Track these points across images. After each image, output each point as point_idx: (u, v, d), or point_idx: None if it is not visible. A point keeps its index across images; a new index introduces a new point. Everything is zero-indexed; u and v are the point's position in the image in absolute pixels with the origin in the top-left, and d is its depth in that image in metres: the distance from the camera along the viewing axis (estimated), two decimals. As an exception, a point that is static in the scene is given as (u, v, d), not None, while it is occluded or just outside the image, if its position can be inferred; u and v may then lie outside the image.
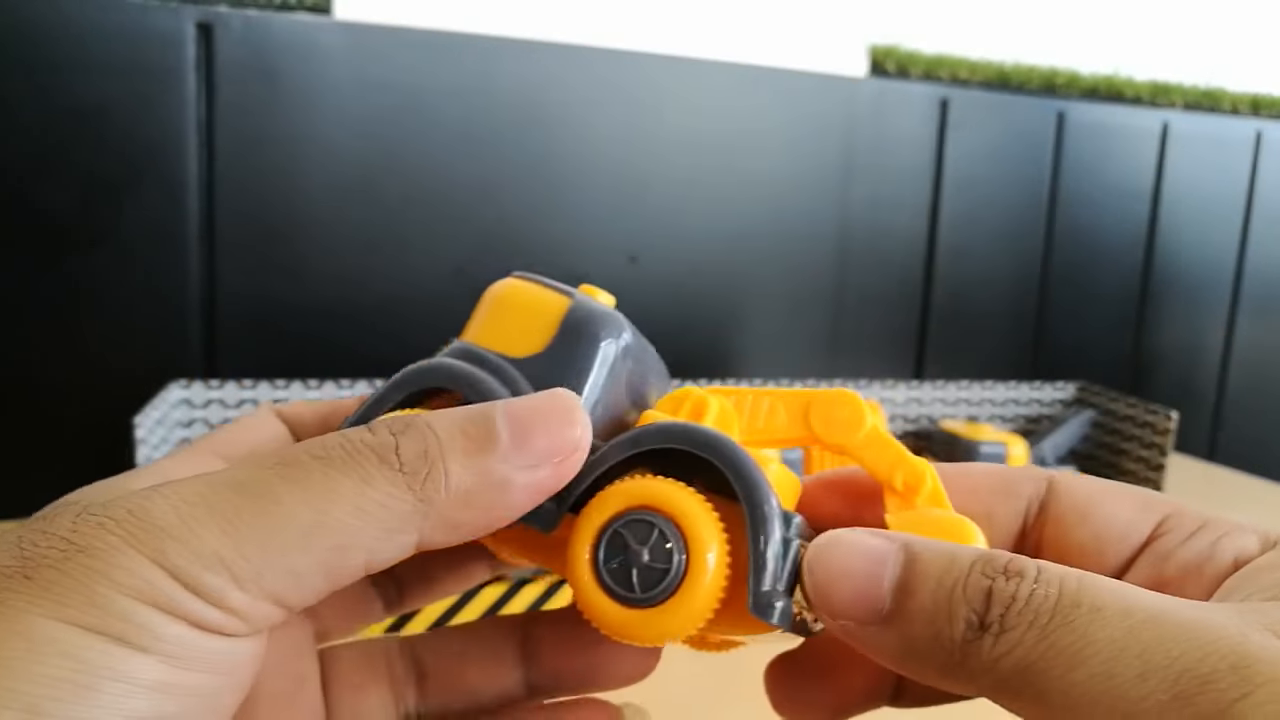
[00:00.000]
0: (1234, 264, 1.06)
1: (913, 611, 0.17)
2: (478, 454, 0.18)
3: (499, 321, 0.22)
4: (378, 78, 0.73)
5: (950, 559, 0.17)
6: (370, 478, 0.17)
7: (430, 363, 0.22)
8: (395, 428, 0.18)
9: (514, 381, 0.21)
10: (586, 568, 0.19)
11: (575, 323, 0.22)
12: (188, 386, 0.63)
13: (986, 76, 0.93)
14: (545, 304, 0.22)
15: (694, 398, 0.22)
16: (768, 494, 0.19)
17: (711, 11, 0.84)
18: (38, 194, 0.66)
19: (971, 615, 0.16)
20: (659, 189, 0.82)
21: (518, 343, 0.22)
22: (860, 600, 0.17)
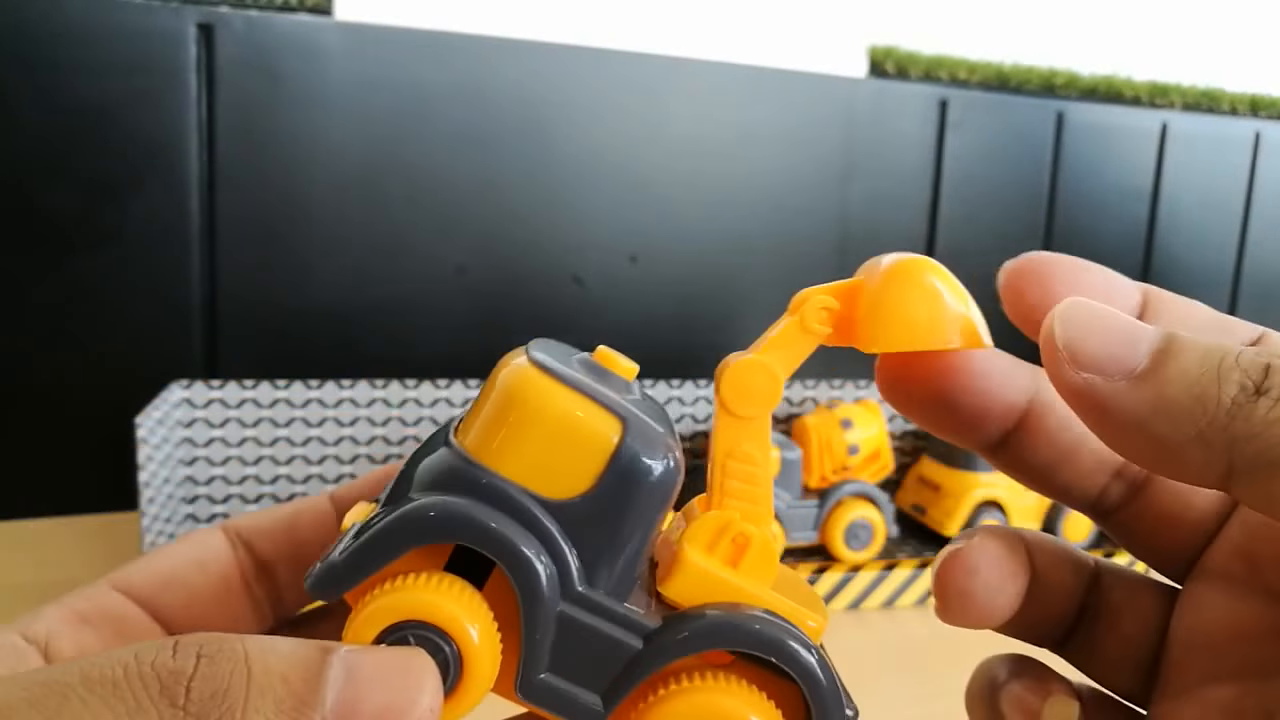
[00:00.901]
0: (1233, 264, 1.07)
1: (1173, 373, 0.15)
2: (291, 709, 0.15)
3: (529, 445, 0.18)
4: (378, 78, 0.73)
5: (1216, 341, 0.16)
6: (140, 714, 0.14)
7: (445, 508, 0.18)
8: (205, 650, 0.15)
9: (553, 539, 0.18)
10: None
11: (630, 460, 0.18)
12: (189, 386, 0.64)
13: (985, 77, 0.93)
14: (593, 432, 0.18)
15: (735, 530, 0.19)
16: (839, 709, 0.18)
17: (711, 12, 0.84)
18: (39, 194, 0.67)
19: (1246, 381, 0.15)
20: (659, 189, 0.83)
21: (555, 479, 0.18)
22: (1113, 352, 0.16)
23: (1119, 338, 0.16)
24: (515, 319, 0.79)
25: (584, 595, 0.18)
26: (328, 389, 0.66)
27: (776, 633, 0.18)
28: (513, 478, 0.18)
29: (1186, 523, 0.19)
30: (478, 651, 0.17)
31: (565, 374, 0.18)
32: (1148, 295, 0.20)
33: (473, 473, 0.18)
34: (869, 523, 0.68)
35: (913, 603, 0.63)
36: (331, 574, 0.18)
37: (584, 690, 0.18)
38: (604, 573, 0.18)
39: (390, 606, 0.17)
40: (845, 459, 0.70)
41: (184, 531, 0.65)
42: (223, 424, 0.65)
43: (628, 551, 0.18)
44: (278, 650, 0.15)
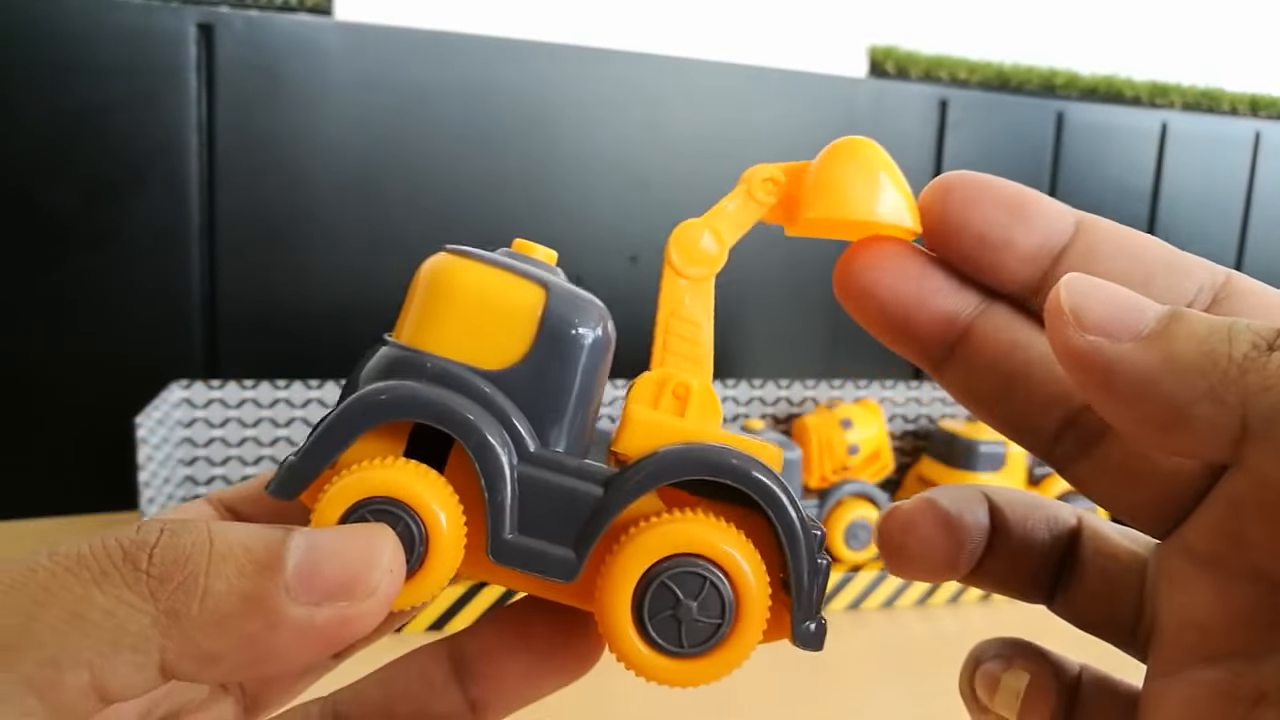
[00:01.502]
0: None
1: (1182, 333, 0.15)
2: (253, 574, 0.15)
3: (460, 324, 0.19)
4: (378, 78, 0.73)
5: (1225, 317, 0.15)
6: (103, 578, 0.15)
7: (392, 390, 0.18)
8: (168, 526, 0.15)
9: (498, 407, 0.18)
10: (627, 621, 0.18)
11: (558, 323, 0.19)
12: (189, 386, 0.64)
13: (985, 77, 0.94)
14: (517, 299, 0.19)
15: (674, 382, 0.20)
16: (806, 532, 0.18)
17: (712, 12, 0.84)
18: (39, 194, 0.67)
19: (1259, 339, 0.15)
20: (659, 189, 0.83)
21: (489, 352, 0.19)
22: (1121, 314, 0.16)
23: (1126, 304, 0.16)
24: (515, 319, 0.79)
25: (538, 454, 0.18)
26: (328, 389, 0.66)
27: (733, 459, 0.18)
28: (450, 356, 0.19)
29: (1150, 480, 0.18)
30: (440, 522, 0.18)
31: (483, 254, 0.19)
32: (1082, 223, 0.19)
33: (411, 357, 0.19)
34: (869, 523, 0.68)
35: (913, 603, 0.63)
36: (289, 472, 0.18)
37: (554, 545, 0.18)
38: (554, 432, 0.19)
39: (351, 486, 0.17)
40: (845, 459, 0.70)
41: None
42: (223, 424, 0.65)
43: (573, 410, 0.19)
44: (241, 527, 0.16)
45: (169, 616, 0.15)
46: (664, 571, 0.18)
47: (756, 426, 0.69)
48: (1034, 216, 0.19)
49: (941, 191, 0.20)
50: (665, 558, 0.18)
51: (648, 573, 0.18)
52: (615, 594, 0.18)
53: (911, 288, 0.20)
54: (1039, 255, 0.19)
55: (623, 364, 0.21)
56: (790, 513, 0.18)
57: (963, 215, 0.19)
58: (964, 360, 0.20)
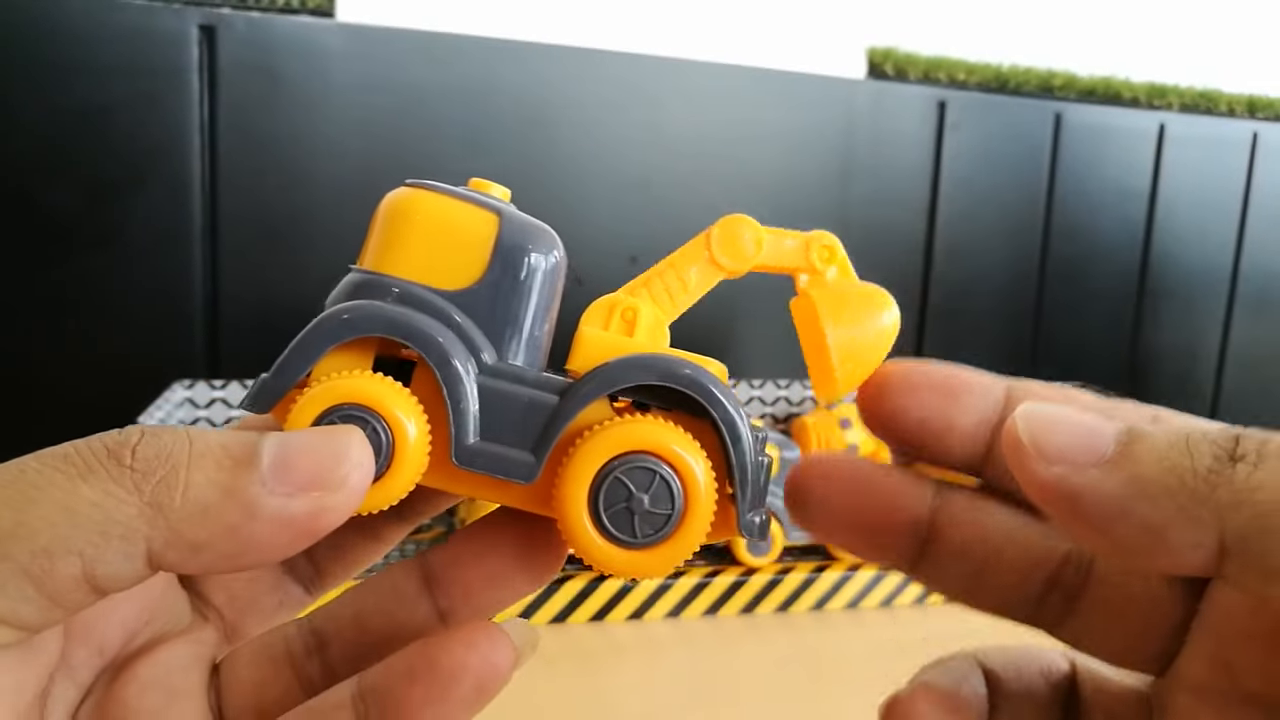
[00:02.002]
0: (1230, 264, 1.07)
1: (1143, 453, 0.15)
2: (230, 468, 0.16)
3: (420, 248, 0.20)
4: (380, 79, 0.73)
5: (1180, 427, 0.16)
6: (89, 473, 0.16)
7: (355, 308, 0.19)
8: (148, 429, 0.17)
9: (457, 324, 0.20)
10: (584, 516, 0.19)
11: (512, 246, 0.20)
12: (191, 386, 0.64)
13: (984, 78, 0.94)
14: (473, 225, 0.20)
15: (623, 306, 0.21)
16: (745, 430, 0.20)
17: (711, 13, 0.84)
18: (41, 194, 0.67)
19: (1219, 450, 0.15)
20: (659, 189, 0.83)
21: (448, 273, 0.20)
22: (1080, 442, 0.16)
23: (1083, 430, 0.16)
24: (515, 319, 0.79)
25: (497, 366, 0.20)
26: (329, 389, 0.66)
27: (677, 365, 0.20)
28: (411, 278, 0.20)
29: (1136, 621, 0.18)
30: (405, 426, 0.19)
31: (440, 185, 0.21)
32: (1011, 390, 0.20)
33: (375, 279, 0.20)
34: (868, 522, 0.68)
35: (910, 602, 0.63)
36: (262, 388, 0.19)
37: (514, 449, 0.19)
38: (511, 347, 0.20)
39: (321, 394, 0.19)
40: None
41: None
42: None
43: (529, 328, 0.20)
44: (217, 432, 0.17)
45: (153, 508, 0.16)
46: (616, 468, 0.19)
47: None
48: (965, 396, 0.20)
49: (877, 384, 0.21)
50: (617, 455, 0.19)
51: (601, 470, 0.19)
52: (572, 491, 0.19)
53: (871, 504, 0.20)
54: (978, 430, 0.20)
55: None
56: (731, 410, 0.19)
57: (902, 403, 0.20)
58: (935, 559, 0.20)
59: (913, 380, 0.20)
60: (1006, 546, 0.19)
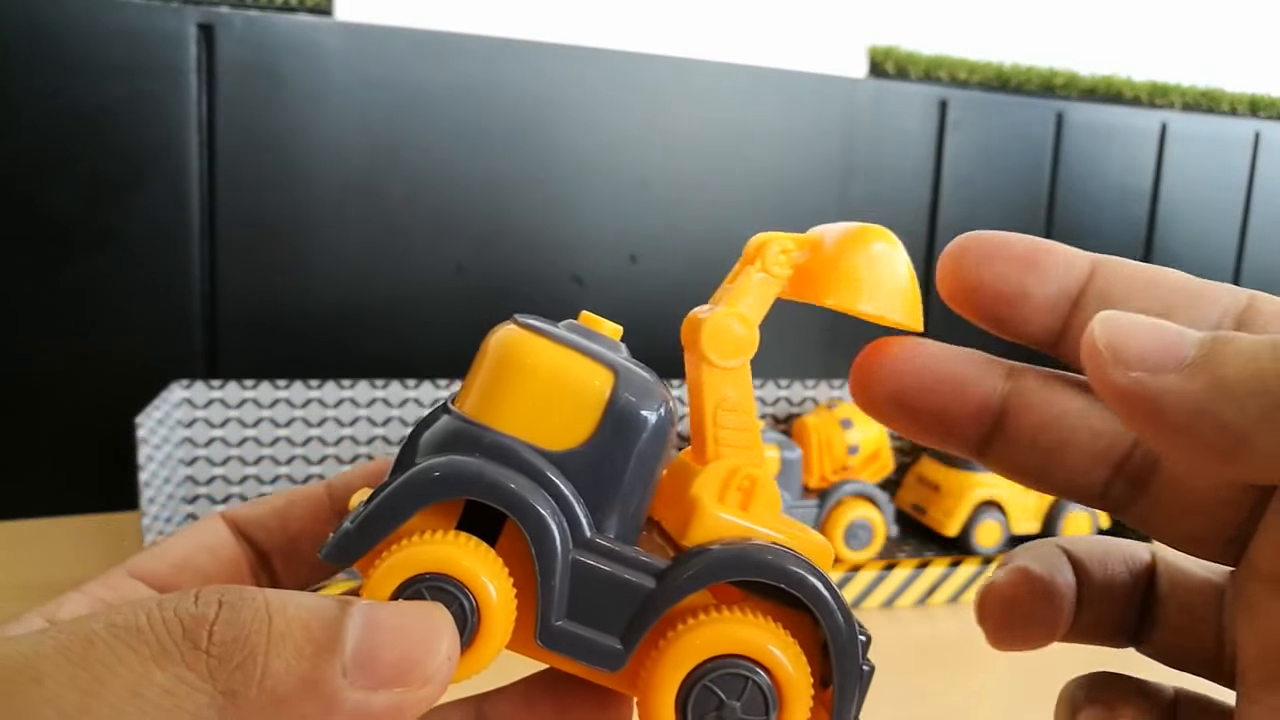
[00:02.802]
0: (1232, 264, 1.07)
1: (1227, 355, 0.15)
2: (311, 655, 0.15)
3: (527, 401, 0.18)
4: (378, 78, 0.73)
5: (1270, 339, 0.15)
6: (163, 656, 0.14)
7: (454, 466, 0.18)
8: (226, 598, 0.15)
9: (558, 490, 0.18)
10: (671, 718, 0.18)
11: (624, 409, 0.19)
12: (189, 386, 0.64)
13: (985, 77, 0.94)
14: (586, 382, 0.19)
15: (741, 476, 0.20)
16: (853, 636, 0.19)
17: (712, 12, 0.84)
18: (40, 194, 0.67)
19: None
20: (659, 189, 0.83)
21: (554, 431, 0.18)
22: (1161, 346, 0.15)
23: (1164, 334, 0.15)
24: (515, 319, 0.79)
25: (594, 541, 0.18)
26: (328, 389, 0.66)
27: (781, 559, 0.18)
28: (513, 433, 0.18)
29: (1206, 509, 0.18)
30: (493, 601, 0.17)
31: (554, 332, 0.19)
32: (1097, 265, 0.19)
33: (474, 432, 0.18)
34: (869, 522, 0.68)
35: (912, 603, 0.63)
36: (345, 540, 0.18)
37: (602, 634, 0.18)
38: (611, 519, 0.19)
39: (405, 561, 0.17)
40: (845, 459, 0.70)
41: (184, 531, 0.65)
42: (223, 424, 0.65)
43: (631, 497, 0.19)
44: (298, 601, 0.16)
45: (226, 697, 0.15)
46: (709, 673, 0.18)
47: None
48: (1046, 266, 0.19)
49: (957, 253, 0.20)
50: (710, 659, 0.18)
51: (693, 672, 0.18)
52: (660, 692, 0.18)
53: (941, 387, 0.20)
54: (1057, 303, 0.19)
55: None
56: (838, 617, 0.18)
57: (977, 274, 0.19)
58: (1005, 442, 0.19)
59: (990, 249, 0.19)
60: (1077, 432, 0.19)
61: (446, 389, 0.68)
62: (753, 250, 0.21)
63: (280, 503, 0.22)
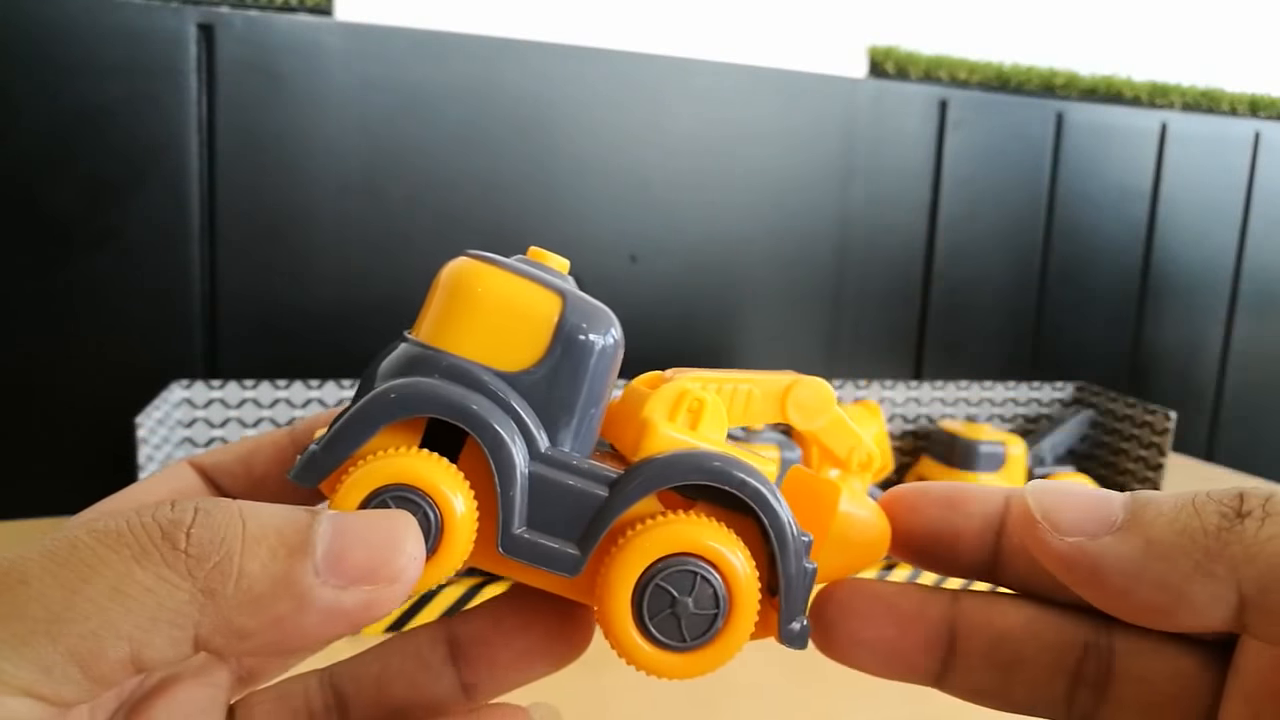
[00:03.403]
0: (1232, 264, 1.07)
1: (1152, 518, 0.16)
2: (285, 556, 0.16)
3: (479, 324, 0.20)
4: (379, 78, 0.73)
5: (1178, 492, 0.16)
6: (143, 556, 0.15)
7: (414, 386, 0.19)
8: (202, 505, 0.16)
9: (512, 408, 0.19)
10: (628, 620, 0.19)
11: (574, 330, 0.20)
12: (189, 386, 0.64)
13: (985, 77, 0.94)
14: (535, 306, 0.20)
15: (690, 398, 0.21)
16: (795, 537, 0.19)
17: (712, 12, 0.84)
18: (40, 194, 0.67)
19: (1224, 508, 0.15)
20: (659, 189, 0.83)
21: (508, 353, 0.19)
22: (1091, 513, 0.17)
23: (1091, 501, 0.17)
24: (515, 319, 0.79)
25: (549, 454, 0.19)
26: (328, 389, 0.66)
27: (726, 465, 0.19)
28: (468, 356, 0.19)
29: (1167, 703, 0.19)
30: (456, 510, 0.18)
31: (504, 261, 0.20)
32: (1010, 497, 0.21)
33: (431, 355, 0.19)
34: (869, 522, 0.68)
35: (912, 602, 0.63)
36: (310, 460, 0.19)
37: (560, 541, 0.19)
38: (565, 434, 0.20)
39: (370, 474, 0.18)
40: (845, 459, 0.70)
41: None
42: (223, 424, 0.65)
43: (583, 413, 0.20)
44: (269, 509, 0.17)
45: (205, 594, 0.15)
46: (660, 572, 0.19)
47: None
48: (968, 504, 0.21)
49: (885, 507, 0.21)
50: (660, 558, 0.19)
51: (645, 573, 0.19)
52: (616, 594, 0.19)
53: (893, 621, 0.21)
54: (983, 535, 0.20)
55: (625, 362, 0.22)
56: (780, 516, 0.19)
57: (909, 521, 0.21)
58: (962, 665, 0.20)
59: (915, 499, 0.21)
60: (1027, 645, 0.20)
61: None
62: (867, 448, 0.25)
63: (245, 448, 0.23)
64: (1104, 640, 0.19)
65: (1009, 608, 0.20)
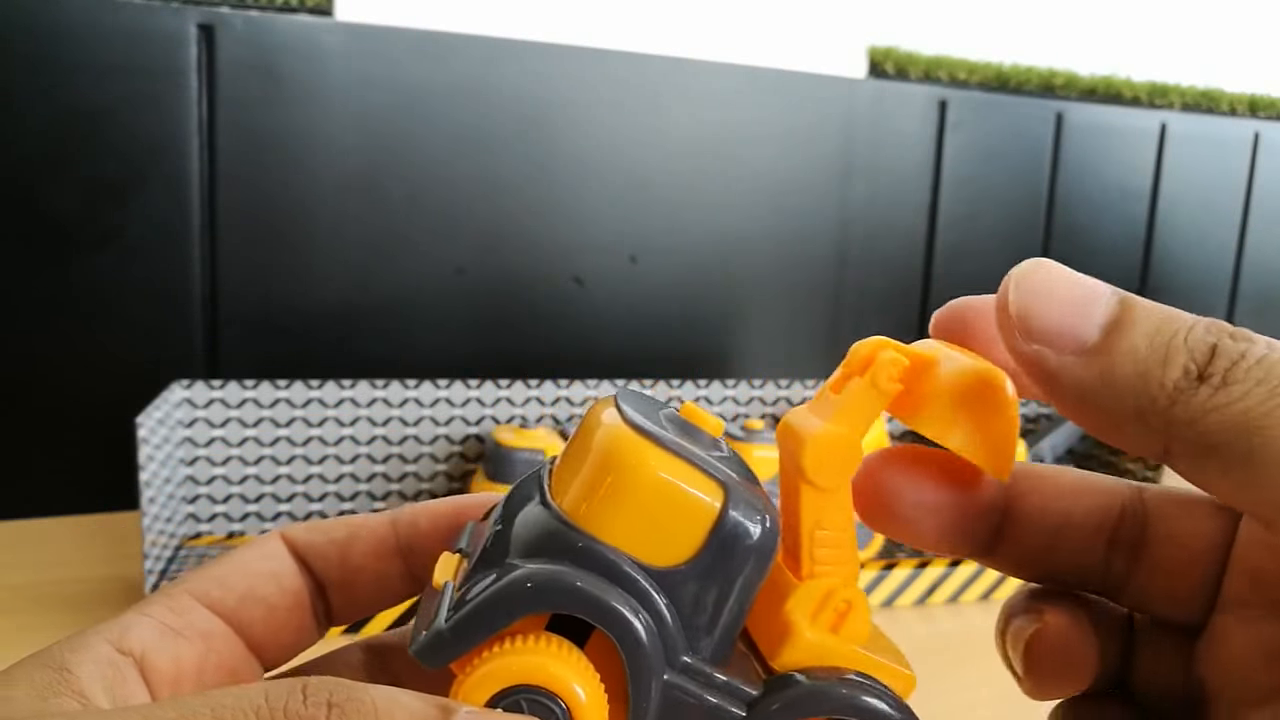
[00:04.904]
0: (1232, 264, 1.07)
1: (1122, 350, 0.16)
2: None
3: (632, 513, 0.18)
4: (379, 78, 0.73)
5: (1171, 313, 0.16)
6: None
7: (555, 578, 0.17)
8: (335, 699, 0.15)
9: (656, 608, 0.18)
10: None
11: (732, 530, 0.18)
12: (189, 386, 0.64)
13: (985, 77, 0.94)
14: (695, 502, 0.18)
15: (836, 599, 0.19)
16: None
17: (711, 12, 0.84)
18: (41, 194, 0.67)
19: (1190, 364, 0.15)
20: (659, 189, 0.83)
21: (657, 548, 0.18)
22: (1064, 326, 0.16)
23: (1073, 308, 0.16)
24: (515, 319, 0.79)
25: (688, 664, 0.18)
26: (328, 389, 0.66)
27: (864, 696, 0.18)
28: (615, 544, 0.18)
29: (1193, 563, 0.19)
30: (583, 705, 0.17)
31: (662, 437, 0.18)
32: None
33: (574, 538, 0.18)
34: (868, 522, 0.68)
35: (911, 602, 0.63)
36: (439, 642, 0.18)
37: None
38: (706, 639, 0.18)
39: (501, 670, 0.17)
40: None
41: (185, 531, 0.65)
42: (224, 424, 0.65)
43: (729, 618, 0.18)
44: (404, 704, 0.15)
45: None
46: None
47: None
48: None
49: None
50: None
51: None
52: None
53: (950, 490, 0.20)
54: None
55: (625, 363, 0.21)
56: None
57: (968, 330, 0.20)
58: (1014, 530, 0.20)
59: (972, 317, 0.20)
60: (1077, 500, 0.20)
61: (446, 389, 0.68)
62: (860, 359, 0.20)
63: (341, 533, 0.22)
64: (1138, 503, 0.20)
65: (1056, 470, 0.20)
